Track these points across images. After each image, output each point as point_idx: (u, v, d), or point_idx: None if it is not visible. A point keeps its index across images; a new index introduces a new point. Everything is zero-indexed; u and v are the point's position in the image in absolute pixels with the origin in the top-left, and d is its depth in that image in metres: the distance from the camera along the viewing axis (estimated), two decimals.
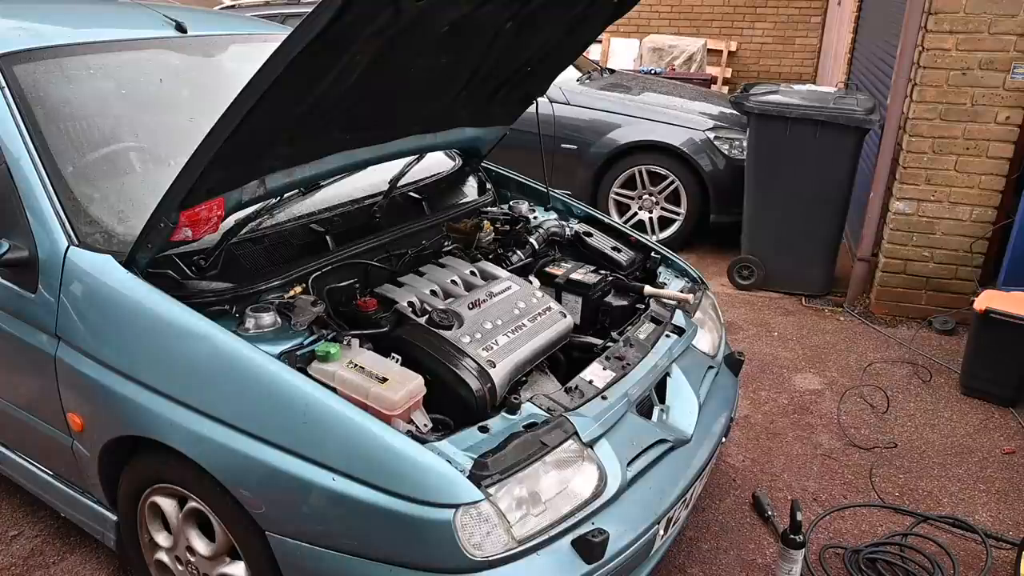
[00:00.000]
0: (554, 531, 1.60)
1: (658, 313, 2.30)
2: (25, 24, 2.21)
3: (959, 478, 2.81)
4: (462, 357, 1.83)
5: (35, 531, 2.46)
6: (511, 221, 2.67)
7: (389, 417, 1.60)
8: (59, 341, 1.86)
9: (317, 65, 1.52)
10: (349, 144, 2.05)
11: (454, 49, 1.89)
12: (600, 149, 4.98)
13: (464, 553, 1.50)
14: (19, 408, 2.11)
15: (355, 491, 1.52)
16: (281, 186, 1.94)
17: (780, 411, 3.24)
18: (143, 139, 2.18)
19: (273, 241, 2.05)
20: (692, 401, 2.11)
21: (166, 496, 1.89)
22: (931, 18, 3.69)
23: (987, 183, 3.85)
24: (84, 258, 1.79)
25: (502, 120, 2.63)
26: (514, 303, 2.09)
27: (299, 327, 1.78)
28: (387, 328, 1.91)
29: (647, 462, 1.85)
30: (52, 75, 2.06)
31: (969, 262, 4.00)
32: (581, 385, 1.90)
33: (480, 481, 1.52)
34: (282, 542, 1.64)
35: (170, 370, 1.70)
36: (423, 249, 2.35)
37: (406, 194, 2.55)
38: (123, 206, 1.96)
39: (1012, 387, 3.25)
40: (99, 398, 1.81)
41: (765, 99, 4.18)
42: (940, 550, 2.41)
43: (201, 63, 2.48)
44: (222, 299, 1.80)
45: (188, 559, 1.92)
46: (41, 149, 1.88)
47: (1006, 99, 3.70)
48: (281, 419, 1.58)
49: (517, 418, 1.72)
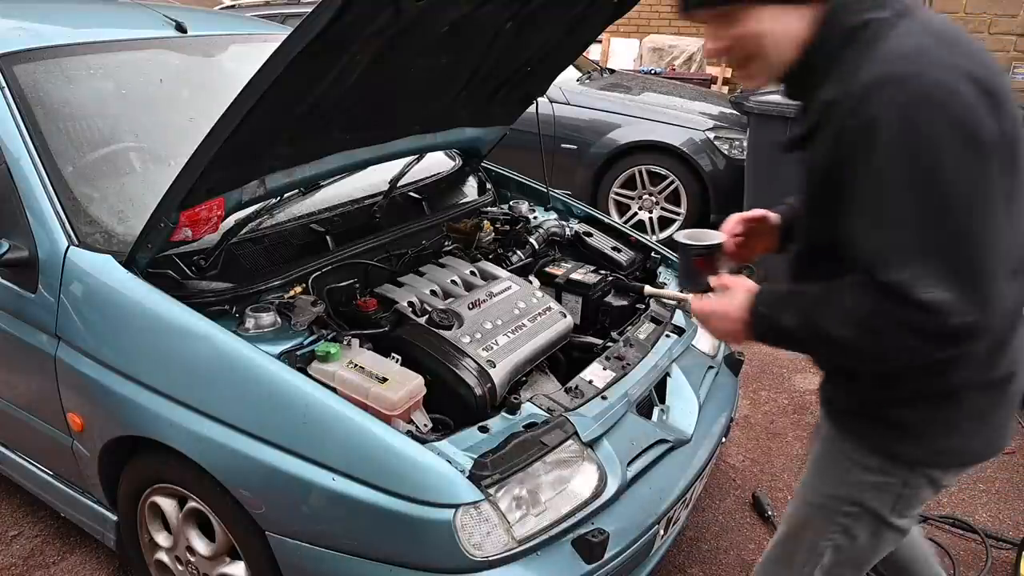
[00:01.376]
0: (554, 531, 1.60)
1: (658, 313, 2.30)
2: (25, 24, 2.21)
3: (959, 478, 2.81)
4: (462, 357, 1.83)
5: (35, 531, 2.46)
6: (511, 221, 2.67)
7: (389, 417, 1.60)
8: (59, 341, 1.86)
9: (317, 65, 1.52)
10: (349, 144, 2.05)
11: (454, 49, 1.89)
12: (600, 149, 4.98)
13: (464, 553, 1.49)
14: (19, 408, 2.11)
15: (355, 491, 1.52)
16: (281, 186, 1.94)
17: (780, 411, 3.24)
18: (143, 139, 2.18)
19: (273, 241, 2.05)
20: (692, 401, 2.11)
21: (166, 496, 1.89)
22: None
23: None
24: (84, 258, 1.79)
25: (502, 120, 2.63)
26: (514, 303, 2.09)
27: (299, 327, 1.78)
28: (387, 328, 1.91)
29: (647, 462, 1.85)
30: (52, 75, 2.06)
31: None
32: (581, 385, 1.90)
33: (480, 481, 1.52)
34: (282, 542, 1.64)
35: (170, 370, 1.70)
36: (423, 249, 2.35)
37: (406, 194, 2.55)
38: (123, 206, 1.96)
39: None
40: (99, 398, 1.81)
41: (765, 99, 4.18)
42: (940, 550, 2.41)
43: (201, 63, 2.48)
44: (222, 299, 1.80)
45: (188, 559, 1.92)
46: (41, 149, 1.88)
47: None
48: (281, 419, 1.58)
49: (517, 418, 1.72)
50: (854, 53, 1.11)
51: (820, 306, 1.15)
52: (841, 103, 1.09)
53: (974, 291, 1.02)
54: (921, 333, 1.05)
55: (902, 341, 1.07)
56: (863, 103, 1.05)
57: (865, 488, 1.32)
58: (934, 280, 1.02)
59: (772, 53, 1.19)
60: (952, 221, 1.02)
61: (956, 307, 1.02)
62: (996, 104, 1.05)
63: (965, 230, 1.02)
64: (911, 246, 1.03)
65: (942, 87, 1.02)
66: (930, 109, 1.02)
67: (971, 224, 1.02)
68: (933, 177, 1.02)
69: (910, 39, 1.08)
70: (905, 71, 1.04)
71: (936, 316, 1.02)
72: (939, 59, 1.05)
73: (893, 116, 1.02)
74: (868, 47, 1.09)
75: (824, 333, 1.13)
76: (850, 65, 1.10)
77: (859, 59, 1.09)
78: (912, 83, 1.03)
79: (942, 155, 1.01)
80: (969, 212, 1.02)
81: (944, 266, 1.02)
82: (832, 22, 1.14)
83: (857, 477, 1.32)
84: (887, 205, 1.05)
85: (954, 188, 1.02)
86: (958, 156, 1.01)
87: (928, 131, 1.01)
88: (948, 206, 1.02)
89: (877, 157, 1.04)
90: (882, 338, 1.09)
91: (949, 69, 1.04)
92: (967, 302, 1.02)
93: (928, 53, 1.06)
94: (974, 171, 1.03)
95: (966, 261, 1.02)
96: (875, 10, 1.12)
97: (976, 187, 1.03)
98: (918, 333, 1.05)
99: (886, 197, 1.04)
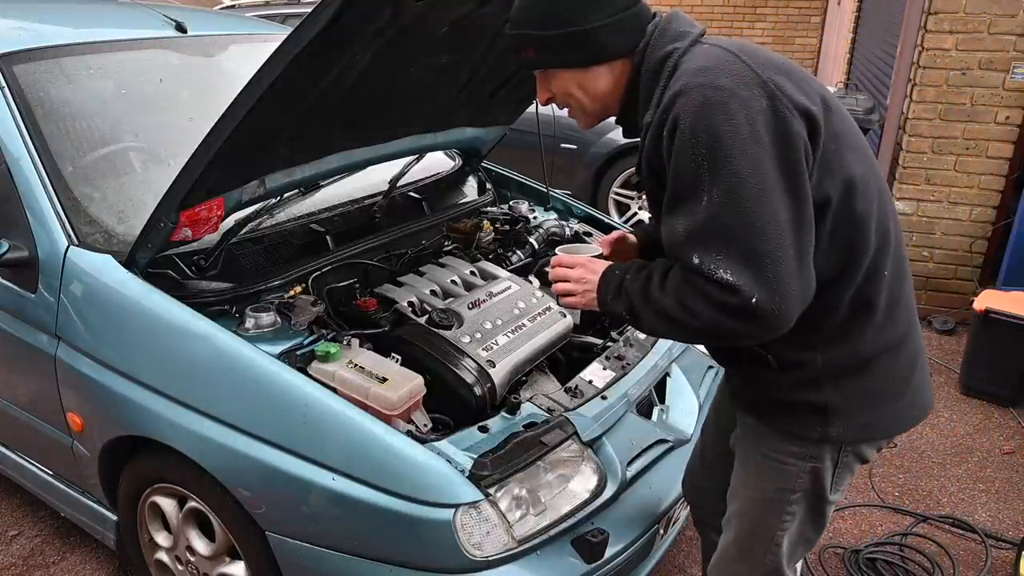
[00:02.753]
0: (554, 531, 1.60)
1: None
2: (25, 24, 2.22)
3: (959, 478, 2.81)
4: (462, 357, 1.83)
5: (35, 531, 2.46)
6: (511, 221, 2.67)
7: (389, 417, 1.60)
8: (59, 341, 1.86)
9: (317, 65, 1.52)
10: (349, 144, 2.05)
11: (454, 49, 1.89)
12: (600, 149, 4.98)
13: (464, 553, 1.50)
14: (19, 408, 2.11)
15: (355, 491, 1.52)
16: (281, 186, 1.94)
17: None
18: (143, 139, 2.18)
19: (273, 241, 2.05)
20: (692, 401, 2.11)
21: (166, 496, 1.89)
22: (931, 18, 3.69)
23: (987, 183, 3.85)
24: (84, 258, 1.79)
25: (502, 120, 2.63)
26: (514, 303, 2.09)
27: (299, 327, 1.78)
28: (387, 328, 1.91)
29: (647, 462, 1.85)
30: (52, 75, 2.06)
31: (969, 262, 4.00)
32: (581, 385, 1.90)
33: (480, 481, 1.52)
34: (282, 542, 1.64)
35: (170, 370, 1.70)
36: (423, 249, 2.35)
37: (406, 194, 2.55)
38: (123, 206, 1.96)
39: (1012, 387, 3.26)
40: (99, 398, 1.81)
41: None
42: (940, 550, 2.42)
43: (201, 63, 2.48)
44: (222, 299, 1.80)
45: (188, 559, 1.92)
46: (41, 149, 1.88)
47: (1006, 99, 3.70)
48: (281, 419, 1.58)
49: (517, 418, 1.72)
50: (663, 81, 1.24)
51: (655, 277, 1.26)
52: (653, 120, 1.23)
53: (759, 275, 1.12)
54: (724, 308, 1.15)
55: (711, 316, 1.16)
56: (667, 113, 1.19)
57: (803, 475, 1.39)
58: (724, 262, 1.13)
59: (585, 104, 1.37)
60: (737, 209, 1.12)
61: (745, 288, 1.12)
62: (788, 103, 1.16)
63: (750, 217, 1.12)
64: (701, 232, 1.15)
65: (727, 90, 1.14)
66: (717, 110, 1.13)
67: (755, 212, 1.12)
68: (720, 170, 1.13)
69: (701, 58, 1.22)
70: (699, 81, 1.17)
71: (732, 294, 1.13)
72: (728, 68, 1.18)
73: (688, 119, 1.15)
74: (672, 72, 1.24)
75: (655, 302, 1.24)
76: (660, 91, 1.24)
77: (666, 83, 1.23)
78: (702, 90, 1.15)
79: (726, 147, 1.12)
80: (755, 201, 1.12)
81: (730, 250, 1.13)
82: (642, 64, 1.29)
83: (793, 467, 1.39)
84: (683, 196, 1.18)
85: (737, 178, 1.12)
86: (740, 147, 1.12)
87: (714, 129, 1.13)
88: (733, 196, 1.12)
89: (675, 157, 1.17)
90: (692, 311, 1.18)
91: (736, 76, 1.16)
92: (755, 283, 1.12)
93: (718, 65, 1.18)
94: (756, 162, 1.12)
95: (749, 245, 1.12)
96: (675, 42, 1.26)
97: (760, 177, 1.12)
98: (720, 308, 1.15)
99: (681, 189, 1.18)
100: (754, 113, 1.14)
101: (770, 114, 1.15)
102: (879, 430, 1.37)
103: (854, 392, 1.32)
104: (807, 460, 1.38)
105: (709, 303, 1.16)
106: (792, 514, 1.43)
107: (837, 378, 1.31)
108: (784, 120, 1.15)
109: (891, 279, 1.31)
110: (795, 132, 1.16)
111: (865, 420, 1.34)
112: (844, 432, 1.33)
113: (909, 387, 1.37)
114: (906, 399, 1.36)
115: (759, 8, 9.46)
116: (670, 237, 1.21)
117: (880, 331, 1.30)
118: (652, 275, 1.27)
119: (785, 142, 1.15)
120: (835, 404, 1.31)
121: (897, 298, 1.33)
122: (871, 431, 1.36)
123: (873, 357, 1.31)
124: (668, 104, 1.19)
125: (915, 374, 1.38)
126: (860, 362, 1.31)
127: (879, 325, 1.30)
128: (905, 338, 1.35)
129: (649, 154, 1.26)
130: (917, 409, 1.39)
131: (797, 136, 1.16)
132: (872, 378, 1.32)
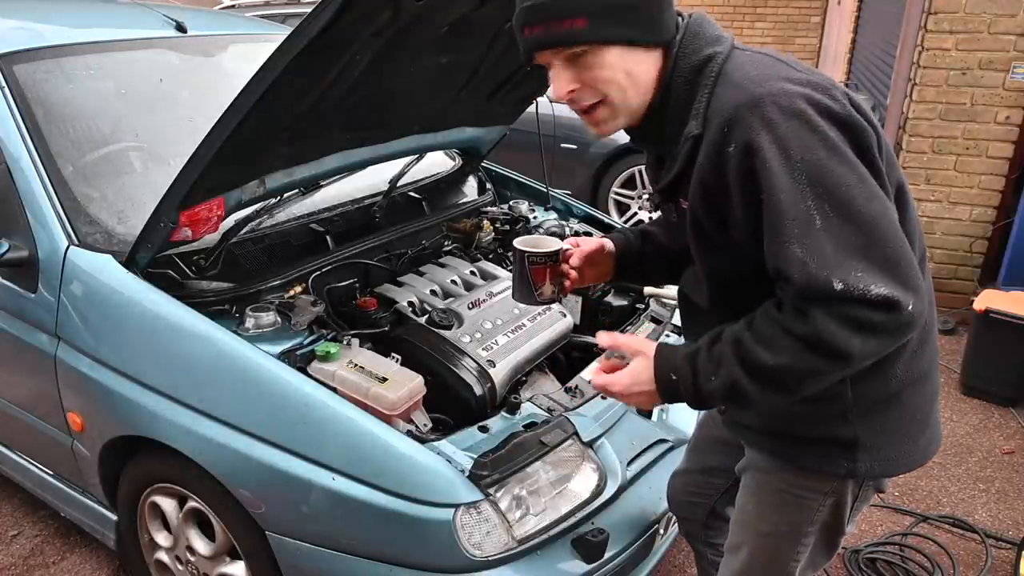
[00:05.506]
0: (554, 531, 1.60)
1: (658, 313, 2.30)
2: (25, 24, 2.22)
3: (959, 478, 2.81)
4: (462, 357, 1.83)
5: (35, 531, 2.46)
6: (511, 221, 2.67)
7: (389, 417, 1.60)
8: (59, 341, 1.86)
9: (317, 65, 1.52)
10: (349, 144, 2.05)
11: (454, 49, 1.89)
12: (600, 149, 4.98)
13: (464, 553, 1.50)
14: (19, 408, 2.11)
15: (355, 491, 1.52)
16: (281, 186, 1.94)
17: None
18: (143, 139, 2.17)
19: (273, 241, 2.05)
20: None
21: (166, 496, 1.89)
22: (931, 18, 3.70)
23: (987, 183, 3.85)
24: (84, 258, 1.79)
25: (502, 120, 2.63)
26: (514, 303, 2.09)
27: (299, 327, 1.78)
28: (387, 328, 1.91)
29: (647, 462, 1.85)
30: (52, 75, 2.06)
31: (969, 262, 4.00)
32: (581, 385, 1.90)
33: (480, 481, 1.52)
34: (282, 542, 1.64)
35: (170, 370, 1.70)
36: (423, 249, 2.35)
37: (406, 194, 2.55)
38: (123, 206, 1.96)
39: (1012, 387, 3.26)
40: (99, 398, 1.81)
41: None
42: (940, 550, 2.42)
43: (201, 63, 2.48)
44: (222, 299, 1.80)
45: (188, 559, 1.92)
46: (41, 149, 1.88)
47: (1006, 99, 3.70)
48: (281, 419, 1.58)
49: (517, 418, 1.72)
50: (706, 88, 1.12)
51: (743, 347, 1.11)
52: (708, 136, 1.10)
53: (903, 278, 1.02)
54: (884, 329, 1.03)
55: (868, 346, 1.04)
56: (733, 131, 1.06)
57: (823, 508, 1.33)
58: (870, 277, 1.01)
59: (629, 96, 1.16)
60: (856, 219, 1.03)
61: (900, 296, 1.01)
62: (848, 103, 1.09)
63: (869, 223, 1.03)
64: (831, 254, 1.02)
65: (800, 96, 1.05)
66: (798, 119, 1.04)
67: (872, 216, 1.03)
68: (823, 182, 1.03)
69: (753, 65, 1.12)
70: (765, 91, 1.06)
71: (891, 310, 1.01)
72: (787, 75, 1.08)
73: (768, 135, 1.04)
74: (715, 78, 1.12)
75: (757, 367, 1.09)
76: (704, 99, 1.12)
77: (711, 91, 1.11)
78: (773, 99, 1.05)
79: (820, 158, 1.03)
80: (866, 204, 1.03)
81: (869, 261, 1.02)
82: (677, 63, 1.15)
83: (813, 502, 1.33)
84: (796, 221, 1.04)
85: (844, 186, 1.03)
86: (833, 155, 1.04)
87: (802, 141, 1.03)
88: (846, 207, 1.03)
89: (766, 180, 1.04)
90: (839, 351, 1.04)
91: (798, 82, 1.07)
92: (904, 290, 1.02)
93: (776, 73, 1.09)
94: (853, 166, 1.05)
95: (881, 251, 1.03)
96: (714, 45, 1.15)
97: (862, 179, 1.04)
98: (880, 331, 1.03)
99: (790, 214, 1.04)
100: (830, 116, 1.06)
101: (841, 115, 1.07)
102: (900, 465, 1.30)
103: (881, 426, 1.25)
104: (829, 495, 1.31)
105: (863, 330, 1.02)
106: (806, 546, 1.38)
107: (866, 411, 1.24)
108: (852, 118, 1.08)
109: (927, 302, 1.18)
110: (865, 129, 1.09)
111: (890, 454, 1.27)
112: (870, 467, 1.26)
113: (930, 421, 1.31)
114: (926, 434, 1.31)
115: (759, 8, 9.45)
116: (791, 272, 1.04)
117: (909, 363, 1.23)
118: (741, 340, 1.11)
119: (861, 141, 1.08)
120: (864, 438, 1.24)
121: (929, 328, 1.25)
122: (894, 466, 1.29)
123: (901, 390, 1.24)
124: (730, 117, 1.06)
125: (934, 408, 1.32)
126: (889, 395, 1.24)
127: (909, 356, 1.23)
128: (929, 371, 1.29)
129: (705, 174, 1.11)
130: (934, 443, 1.34)
131: (869, 134, 1.09)
132: (898, 411, 1.26)
